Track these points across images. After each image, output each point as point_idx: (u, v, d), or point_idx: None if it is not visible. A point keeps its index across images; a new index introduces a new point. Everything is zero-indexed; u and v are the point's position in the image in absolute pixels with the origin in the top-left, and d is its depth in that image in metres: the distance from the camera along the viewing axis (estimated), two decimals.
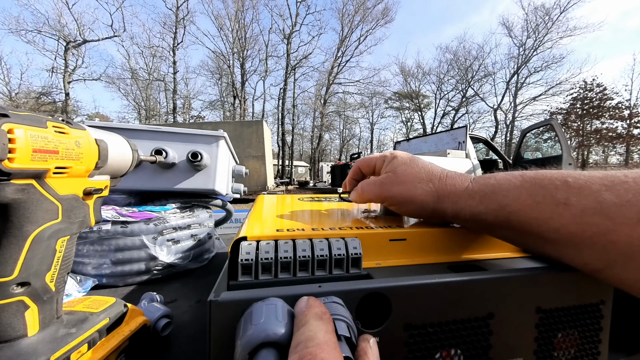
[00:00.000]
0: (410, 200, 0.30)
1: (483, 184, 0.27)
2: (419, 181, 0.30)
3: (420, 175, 0.31)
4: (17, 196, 0.20)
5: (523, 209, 0.24)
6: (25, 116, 0.20)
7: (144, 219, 0.52)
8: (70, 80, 13.89)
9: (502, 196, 0.25)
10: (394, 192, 0.31)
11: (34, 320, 0.22)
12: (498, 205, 0.25)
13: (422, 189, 0.30)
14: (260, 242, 0.26)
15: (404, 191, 0.31)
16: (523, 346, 0.23)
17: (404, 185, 0.31)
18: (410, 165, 0.32)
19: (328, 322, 0.15)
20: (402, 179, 0.31)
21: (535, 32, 17.63)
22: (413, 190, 0.30)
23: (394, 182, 0.31)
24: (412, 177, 0.31)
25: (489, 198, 0.26)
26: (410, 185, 0.30)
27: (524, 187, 0.24)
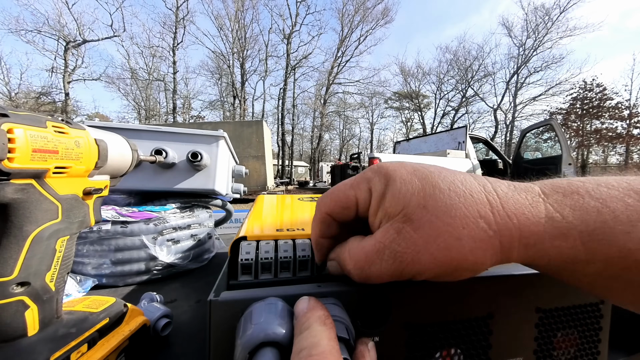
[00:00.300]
0: (457, 266, 0.17)
1: (580, 208, 0.16)
2: (462, 225, 0.16)
3: (459, 208, 0.16)
4: (16, 196, 0.20)
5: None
6: (24, 116, 0.20)
7: (144, 219, 0.52)
8: (70, 80, 13.89)
9: (624, 233, 0.14)
10: (424, 261, 0.17)
11: (33, 320, 0.22)
12: (617, 249, 0.14)
13: (472, 238, 0.16)
14: (260, 241, 0.26)
15: (440, 256, 0.16)
16: (523, 346, 0.23)
17: (438, 242, 0.16)
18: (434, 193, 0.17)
19: (331, 328, 0.15)
20: (429, 229, 0.16)
21: (535, 32, 17.65)
22: (457, 246, 0.16)
23: (415, 240, 0.17)
24: (447, 219, 0.16)
25: (598, 239, 0.15)
26: (449, 239, 0.16)
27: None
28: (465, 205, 0.16)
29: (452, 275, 0.17)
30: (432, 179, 0.18)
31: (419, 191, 0.17)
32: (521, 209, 0.16)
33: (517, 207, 0.16)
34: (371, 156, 3.68)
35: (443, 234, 0.16)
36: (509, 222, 0.16)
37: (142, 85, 17.67)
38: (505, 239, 0.16)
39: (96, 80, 15.64)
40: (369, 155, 3.77)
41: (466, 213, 0.16)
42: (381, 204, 0.18)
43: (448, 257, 0.16)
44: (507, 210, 0.16)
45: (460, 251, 0.16)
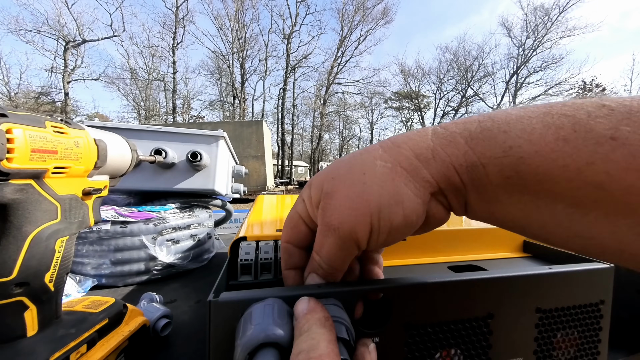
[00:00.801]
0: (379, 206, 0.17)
1: (463, 122, 0.17)
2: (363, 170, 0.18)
3: (357, 161, 0.19)
4: (15, 196, 0.20)
5: (542, 150, 0.14)
6: (24, 116, 0.20)
7: (144, 219, 0.52)
8: (69, 80, 13.88)
9: (503, 132, 0.15)
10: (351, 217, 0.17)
11: (33, 321, 0.22)
12: (500, 148, 0.15)
13: (374, 175, 0.17)
14: (259, 242, 0.26)
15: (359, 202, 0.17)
16: (523, 346, 0.23)
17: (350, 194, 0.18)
18: (338, 166, 0.20)
19: (330, 330, 0.15)
20: (341, 188, 0.18)
21: (535, 32, 17.67)
22: (366, 188, 0.17)
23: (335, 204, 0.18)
24: (350, 175, 0.18)
25: (482, 138, 0.16)
26: (357, 185, 0.18)
27: (536, 117, 0.15)
28: (362, 157, 0.19)
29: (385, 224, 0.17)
30: (337, 161, 0.20)
31: (327, 172, 0.20)
32: (410, 137, 0.18)
33: (406, 139, 0.18)
34: None
35: (351, 185, 0.18)
36: (399, 151, 0.18)
37: (142, 85, 17.66)
38: (404, 163, 0.17)
39: (96, 80, 15.64)
40: None
41: (364, 160, 0.18)
42: (312, 202, 0.20)
43: (365, 200, 0.17)
44: (396, 144, 0.18)
45: (370, 191, 0.17)
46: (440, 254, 0.31)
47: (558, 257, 0.30)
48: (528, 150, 0.14)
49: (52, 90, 13.94)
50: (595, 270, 0.25)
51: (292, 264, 0.22)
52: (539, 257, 0.32)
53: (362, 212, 0.17)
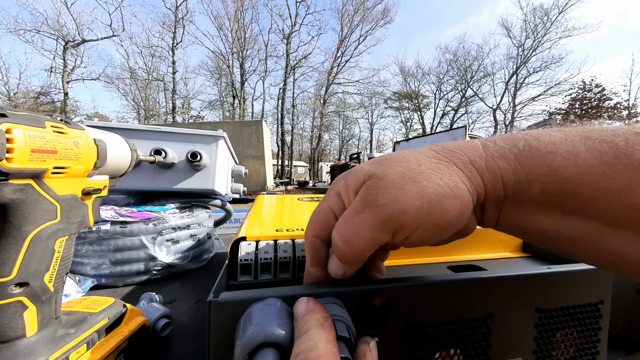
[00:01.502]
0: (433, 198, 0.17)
1: (510, 138, 0.18)
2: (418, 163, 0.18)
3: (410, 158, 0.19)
4: (15, 196, 0.20)
5: (586, 173, 0.15)
6: (23, 116, 0.20)
7: (143, 219, 0.52)
8: (69, 80, 13.86)
9: (550, 152, 0.16)
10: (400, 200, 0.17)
11: (32, 321, 0.22)
12: (548, 167, 0.16)
13: (431, 169, 0.18)
14: (259, 242, 0.26)
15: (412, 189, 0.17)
16: (522, 346, 0.23)
17: (404, 179, 0.17)
18: (386, 157, 0.20)
19: (329, 330, 0.15)
20: (392, 174, 0.18)
21: (534, 32, 17.68)
22: (423, 179, 0.17)
23: (383, 185, 0.18)
24: (404, 164, 0.18)
25: (531, 156, 0.16)
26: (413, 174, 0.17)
27: (579, 140, 0.16)
28: (413, 153, 0.19)
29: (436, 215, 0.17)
30: (383, 156, 0.20)
31: (372, 162, 0.20)
32: (460, 145, 0.19)
33: (456, 145, 0.19)
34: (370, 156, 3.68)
35: (406, 172, 0.18)
36: (455, 154, 0.19)
37: (142, 85, 17.65)
38: (460, 165, 0.18)
39: (95, 80, 15.62)
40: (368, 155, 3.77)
41: (417, 155, 0.19)
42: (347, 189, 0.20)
43: (423, 186, 0.17)
44: (448, 147, 0.19)
45: (429, 178, 0.17)
46: (439, 254, 0.31)
47: (557, 257, 0.30)
48: (574, 172, 0.15)
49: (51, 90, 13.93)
50: (594, 270, 0.25)
51: (319, 260, 0.21)
52: (538, 257, 0.32)
53: (417, 196, 0.16)
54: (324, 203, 0.21)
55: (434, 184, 0.17)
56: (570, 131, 0.17)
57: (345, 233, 0.18)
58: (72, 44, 14.00)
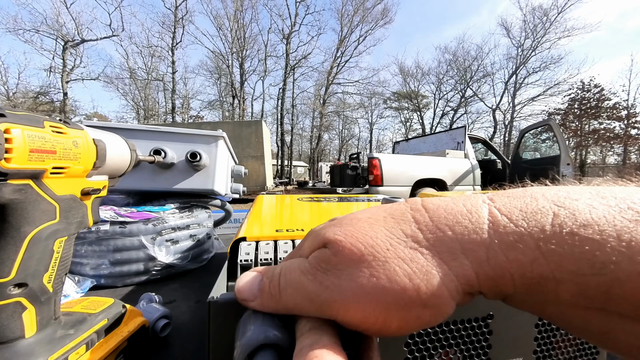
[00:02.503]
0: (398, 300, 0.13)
1: (532, 210, 0.13)
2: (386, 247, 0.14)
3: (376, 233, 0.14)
4: (14, 196, 0.20)
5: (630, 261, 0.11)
6: (22, 116, 0.20)
7: (143, 219, 0.52)
8: (68, 79, 13.84)
9: (592, 240, 0.11)
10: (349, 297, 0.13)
11: (31, 322, 0.22)
12: (588, 263, 0.11)
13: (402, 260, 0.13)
14: (259, 242, 0.26)
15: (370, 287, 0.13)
16: (523, 346, 0.23)
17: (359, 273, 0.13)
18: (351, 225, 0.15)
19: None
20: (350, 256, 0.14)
21: (534, 32, 17.71)
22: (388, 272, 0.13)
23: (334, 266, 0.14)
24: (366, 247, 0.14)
25: (563, 244, 0.12)
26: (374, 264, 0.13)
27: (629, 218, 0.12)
28: (386, 230, 0.14)
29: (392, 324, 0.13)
30: (351, 215, 0.16)
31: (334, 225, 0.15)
32: (456, 218, 0.13)
33: (451, 217, 0.14)
34: (370, 156, 3.69)
35: (364, 256, 0.13)
36: (442, 236, 0.13)
37: (141, 85, 17.63)
38: (445, 254, 0.13)
39: (95, 80, 15.59)
40: (368, 155, 3.77)
41: (388, 236, 0.14)
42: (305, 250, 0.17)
43: (373, 289, 0.13)
44: (437, 223, 0.14)
45: (389, 281, 0.13)
46: None
47: None
48: (628, 270, 0.11)
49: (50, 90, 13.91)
50: None
51: None
52: None
53: (369, 297, 0.13)
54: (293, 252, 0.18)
55: (397, 284, 0.13)
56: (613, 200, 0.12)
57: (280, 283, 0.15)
58: (72, 43, 13.98)
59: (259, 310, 0.16)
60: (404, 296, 0.13)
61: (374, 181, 3.55)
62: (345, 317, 0.13)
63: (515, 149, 4.55)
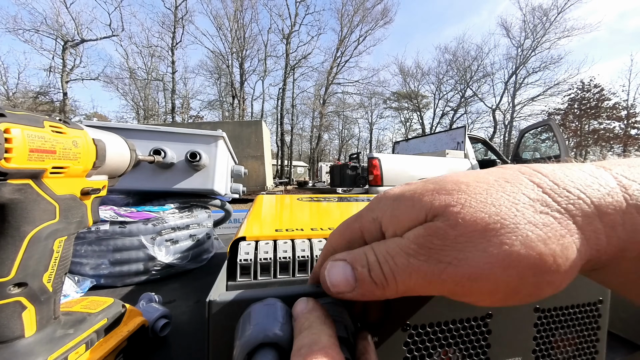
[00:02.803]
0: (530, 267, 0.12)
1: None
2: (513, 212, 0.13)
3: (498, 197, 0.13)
4: (14, 196, 0.20)
5: None
6: (22, 116, 0.20)
7: (143, 219, 0.52)
8: (68, 79, 13.84)
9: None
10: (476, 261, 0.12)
11: (31, 321, 0.22)
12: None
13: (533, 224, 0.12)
14: (259, 242, 0.26)
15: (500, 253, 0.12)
16: (522, 345, 0.23)
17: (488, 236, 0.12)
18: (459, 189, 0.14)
19: (331, 327, 0.15)
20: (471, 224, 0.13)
21: (533, 32, 17.72)
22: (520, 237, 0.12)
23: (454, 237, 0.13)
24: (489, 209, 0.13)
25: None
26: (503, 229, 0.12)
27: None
28: (510, 192, 0.13)
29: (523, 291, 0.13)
30: (448, 178, 0.15)
31: (439, 192, 0.14)
32: (582, 181, 0.13)
33: (577, 181, 0.13)
34: (370, 156, 3.69)
35: (491, 223, 0.12)
36: (576, 199, 0.12)
37: (141, 85, 17.62)
38: (580, 217, 0.12)
39: (94, 79, 15.59)
40: (368, 155, 3.78)
41: (514, 198, 0.13)
42: (393, 222, 0.15)
43: (507, 255, 0.12)
44: (564, 187, 0.13)
45: (522, 246, 0.12)
46: None
47: None
48: None
49: (50, 89, 13.90)
50: None
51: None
52: None
53: (503, 264, 0.12)
54: (356, 223, 0.18)
55: (533, 250, 0.12)
56: None
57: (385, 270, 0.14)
58: (71, 43, 13.97)
59: (359, 299, 0.16)
60: (540, 262, 0.12)
61: (374, 181, 3.55)
62: (470, 290, 0.13)
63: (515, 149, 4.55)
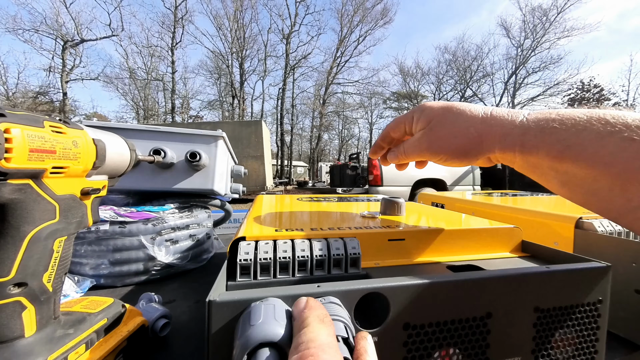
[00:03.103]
0: (454, 152, 0.29)
1: (543, 119, 0.25)
2: (457, 133, 0.28)
3: (458, 124, 0.29)
4: (14, 196, 0.20)
5: (583, 143, 0.22)
6: (22, 116, 0.20)
7: (142, 219, 0.52)
8: (67, 79, 13.83)
9: (563, 130, 0.24)
10: (435, 147, 0.30)
11: (31, 321, 0.22)
12: (556, 139, 0.24)
13: (463, 138, 0.28)
14: (259, 242, 0.26)
15: (445, 145, 0.29)
16: (521, 345, 0.23)
17: (443, 140, 0.29)
18: (445, 117, 0.30)
19: (330, 325, 0.15)
20: (438, 134, 0.29)
21: (533, 32, 17.71)
22: (455, 141, 0.28)
23: (432, 139, 0.30)
24: (449, 130, 0.29)
25: (548, 132, 0.24)
26: (451, 137, 0.29)
27: (591, 122, 0.23)
28: (462, 121, 0.29)
29: (452, 159, 0.30)
30: (449, 109, 0.30)
31: (437, 115, 0.30)
32: (500, 121, 0.27)
33: (499, 121, 0.27)
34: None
35: (445, 136, 0.29)
36: (490, 128, 0.27)
37: (141, 85, 17.60)
38: (486, 137, 0.27)
39: (94, 79, 15.57)
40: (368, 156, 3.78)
41: (461, 126, 0.29)
42: (419, 122, 0.31)
43: (448, 147, 0.29)
44: (490, 122, 0.28)
45: (456, 144, 0.29)
46: (439, 254, 0.31)
47: (556, 256, 0.30)
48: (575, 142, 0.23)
49: (50, 89, 13.88)
50: (593, 269, 0.25)
51: (385, 143, 0.37)
52: (537, 257, 0.32)
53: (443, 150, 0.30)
54: (402, 118, 0.34)
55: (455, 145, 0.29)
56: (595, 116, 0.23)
57: (409, 146, 0.33)
58: (71, 43, 13.96)
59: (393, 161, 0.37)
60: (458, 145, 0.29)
61: (374, 181, 3.55)
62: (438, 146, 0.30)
63: None
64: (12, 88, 13.84)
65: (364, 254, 0.28)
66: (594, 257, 0.27)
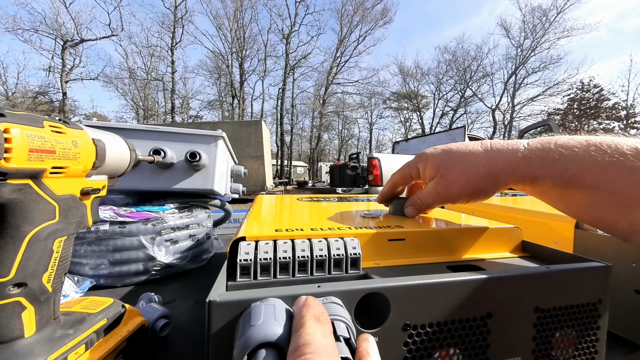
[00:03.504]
0: (472, 193, 0.31)
1: (542, 149, 0.27)
2: (469, 177, 0.30)
3: (467, 167, 0.31)
4: (13, 196, 0.20)
5: (584, 172, 0.25)
6: (21, 115, 0.20)
7: (142, 219, 0.51)
8: (67, 79, 13.81)
9: (564, 161, 0.26)
10: (453, 194, 0.31)
11: (30, 321, 0.22)
12: (559, 170, 0.26)
13: (476, 178, 0.30)
14: (259, 242, 0.26)
15: (462, 190, 0.31)
16: (521, 345, 0.23)
17: (458, 185, 0.31)
18: (451, 162, 0.32)
19: (326, 324, 0.15)
20: (451, 179, 0.31)
21: (533, 32, 17.72)
22: (470, 184, 0.30)
23: (447, 186, 0.32)
24: (460, 174, 0.31)
25: (551, 164, 0.26)
26: (464, 181, 0.31)
27: (589, 152, 0.25)
28: (469, 164, 0.31)
29: (472, 198, 0.31)
30: (450, 155, 0.33)
31: (443, 161, 0.33)
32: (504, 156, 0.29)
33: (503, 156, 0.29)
34: (370, 156, 3.69)
35: (460, 180, 0.31)
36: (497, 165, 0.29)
37: (141, 85, 17.58)
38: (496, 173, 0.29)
39: (94, 79, 15.56)
40: (367, 155, 3.78)
41: (471, 168, 0.31)
42: (426, 172, 0.34)
43: (465, 190, 0.31)
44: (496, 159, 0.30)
45: (472, 185, 0.31)
46: (439, 254, 0.31)
47: (556, 256, 0.30)
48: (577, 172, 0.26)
49: (49, 89, 13.87)
50: (593, 269, 0.25)
51: (393, 192, 0.41)
52: (537, 257, 0.32)
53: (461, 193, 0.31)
54: (407, 169, 0.37)
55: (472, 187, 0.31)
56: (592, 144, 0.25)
57: (423, 196, 0.35)
58: (71, 43, 13.95)
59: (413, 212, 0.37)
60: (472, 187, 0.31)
61: (374, 181, 3.55)
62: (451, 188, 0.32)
63: None
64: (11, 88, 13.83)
65: (364, 254, 0.28)
66: (594, 257, 0.27)
